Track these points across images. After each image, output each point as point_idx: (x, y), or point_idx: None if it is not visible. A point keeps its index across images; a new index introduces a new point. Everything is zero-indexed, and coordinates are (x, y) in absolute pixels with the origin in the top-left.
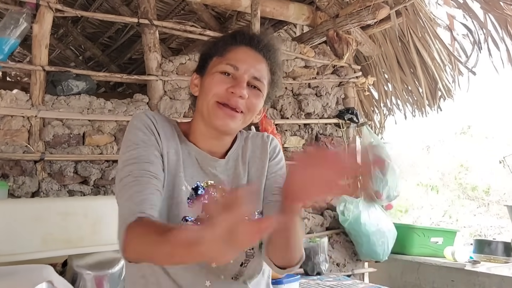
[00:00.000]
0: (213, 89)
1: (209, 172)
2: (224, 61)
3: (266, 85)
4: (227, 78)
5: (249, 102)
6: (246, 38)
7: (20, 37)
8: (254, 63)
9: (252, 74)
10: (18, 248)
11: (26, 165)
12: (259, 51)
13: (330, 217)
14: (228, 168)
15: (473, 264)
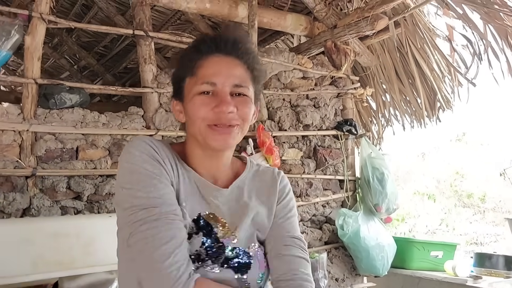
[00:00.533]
0: (199, 114)
1: (211, 202)
2: (198, 80)
3: (250, 86)
4: (208, 98)
5: (240, 113)
6: (211, 46)
7: (12, 49)
8: (230, 70)
9: (232, 83)
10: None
11: (17, 180)
12: (229, 54)
13: (328, 231)
14: (230, 199)
15: (475, 280)
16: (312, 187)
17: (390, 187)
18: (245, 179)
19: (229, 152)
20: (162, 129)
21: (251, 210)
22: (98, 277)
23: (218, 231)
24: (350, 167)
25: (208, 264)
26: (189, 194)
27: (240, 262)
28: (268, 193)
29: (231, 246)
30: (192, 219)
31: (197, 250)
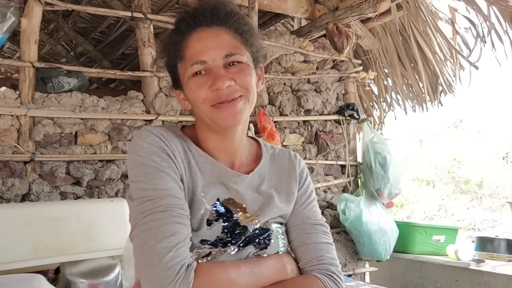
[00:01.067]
0: (198, 97)
1: (230, 187)
2: (187, 63)
3: (243, 51)
4: (203, 78)
5: (240, 82)
6: (190, 22)
7: (8, 31)
8: (216, 42)
9: (222, 54)
10: (7, 257)
11: (16, 166)
12: (211, 24)
13: (330, 216)
14: (251, 186)
15: (478, 263)
16: (313, 173)
17: (392, 172)
18: (264, 165)
19: (241, 129)
20: (162, 114)
21: (273, 197)
22: (101, 262)
23: (238, 216)
24: (352, 152)
25: (229, 247)
26: (207, 181)
27: (260, 239)
28: (288, 178)
29: (253, 228)
30: (211, 205)
31: (218, 236)
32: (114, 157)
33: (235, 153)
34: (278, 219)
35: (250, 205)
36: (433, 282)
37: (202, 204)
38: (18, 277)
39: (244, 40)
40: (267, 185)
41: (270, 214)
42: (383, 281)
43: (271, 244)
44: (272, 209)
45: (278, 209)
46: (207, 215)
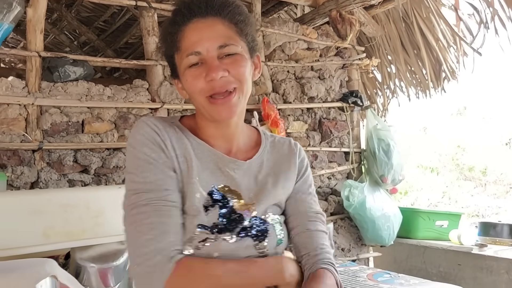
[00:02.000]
0: (194, 88)
1: (227, 174)
2: (183, 54)
3: (238, 42)
4: (198, 69)
5: (234, 73)
6: (185, 13)
7: (13, 21)
8: (210, 33)
9: (216, 45)
10: (19, 242)
11: (24, 154)
12: (205, 15)
13: (334, 203)
14: (249, 173)
15: (480, 248)
16: (317, 160)
17: (396, 158)
18: (263, 152)
19: (236, 118)
20: (168, 102)
21: (271, 185)
22: (109, 247)
23: (234, 203)
24: (356, 139)
25: (226, 235)
26: (203, 167)
27: (258, 229)
28: (287, 165)
29: (249, 217)
30: (207, 192)
31: (214, 222)
32: (120, 145)
33: (232, 139)
34: (275, 207)
35: (245, 192)
36: (436, 267)
37: (197, 189)
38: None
39: (239, 30)
40: (265, 172)
41: (265, 202)
42: (387, 266)
43: (269, 235)
44: (267, 196)
45: (273, 197)
46: (202, 201)
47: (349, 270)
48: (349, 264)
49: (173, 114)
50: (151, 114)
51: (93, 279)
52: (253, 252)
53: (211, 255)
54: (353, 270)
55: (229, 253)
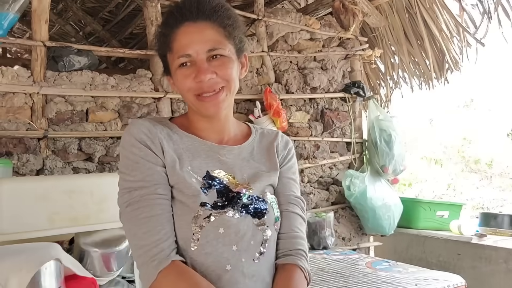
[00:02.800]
0: (184, 86)
1: (219, 160)
2: (174, 55)
3: (226, 45)
4: (188, 69)
5: (221, 74)
6: (177, 17)
7: (19, 11)
8: (200, 36)
9: (205, 49)
10: (25, 227)
11: (30, 142)
12: (196, 19)
13: (335, 192)
14: (240, 158)
15: (480, 238)
16: (319, 150)
17: (397, 149)
18: (253, 141)
19: (225, 112)
20: (170, 92)
21: (264, 167)
22: (112, 233)
23: (229, 184)
24: (358, 130)
25: (228, 211)
26: (194, 157)
27: (256, 207)
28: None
29: (247, 195)
30: (202, 177)
31: (215, 200)
32: None
33: (222, 131)
34: (270, 187)
35: (238, 174)
36: (435, 256)
37: (191, 175)
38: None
39: (227, 33)
40: (256, 157)
41: (261, 182)
42: (387, 255)
43: (268, 213)
44: (262, 177)
45: (267, 178)
46: (199, 184)
47: (348, 258)
48: (349, 252)
49: (176, 104)
50: (154, 103)
51: (96, 263)
52: (254, 228)
53: (218, 231)
54: (352, 258)
55: (233, 228)
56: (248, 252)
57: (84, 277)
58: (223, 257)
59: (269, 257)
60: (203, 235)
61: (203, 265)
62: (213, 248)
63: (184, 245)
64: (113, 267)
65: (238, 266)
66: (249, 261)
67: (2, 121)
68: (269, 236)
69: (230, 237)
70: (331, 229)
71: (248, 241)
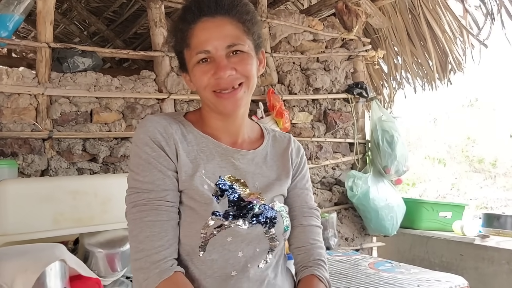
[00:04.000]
0: (201, 83)
1: (232, 164)
2: (193, 51)
3: (245, 40)
4: (207, 65)
5: (240, 70)
6: (195, 12)
7: (24, 13)
8: (219, 32)
9: (224, 45)
10: (30, 227)
11: (35, 143)
12: (215, 14)
13: (338, 193)
14: (255, 163)
15: (482, 238)
16: (322, 150)
17: (400, 149)
18: (266, 145)
19: (242, 111)
20: (174, 93)
21: (275, 176)
22: (116, 233)
23: (240, 192)
24: (360, 130)
25: (239, 221)
26: (208, 159)
27: (267, 216)
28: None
29: (259, 204)
30: (214, 183)
31: (226, 209)
32: (128, 134)
33: (237, 132)
34: (280, 197)
35: (250, 181)
36: (438, 257)
37: (204, 181)
38: (41, 246)
39: (246, 29)
40: (269, 164)
41: (271, 191)
42: (390, 256)
43: (277, 223)
44: (272, 187)
45: (278, 187)
46: (211, 191)
47: (351, 259)
48: (351, 253)
49: (180, 105)
50: (158, 104)
51: (101, 263)
52: (263, 238)
53: (225, 239)
54: (355, 259)
55: (241, 238)
56: (254, 258)
57: (88, 277)
58: (229, 263)
59: (276, 265)
60: (211, 243)
61: (208, 270)
62: (219, 255)
63: (191, 251)
64: (118, 268)
65: (243, 272)
66: (254, 267)
67: (7, 122)
68: (276, 245)
69: (237, 244)
70: (334, 230)
71: (254, 248)
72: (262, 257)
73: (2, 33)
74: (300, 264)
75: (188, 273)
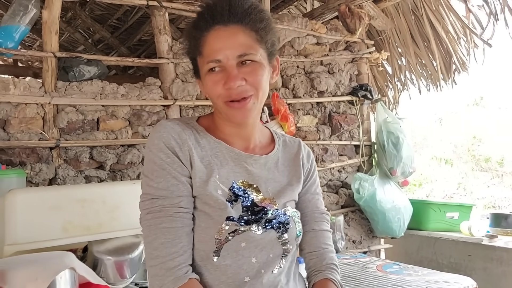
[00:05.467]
0: (214, 93)
1: (245, 169)
2: (205, 60)
3: (257, 50)
4: (218, 75)
5: (250, 81)
6: (208, 20)
7: (30, 23)
8: (231, 41)
9: (235, 54)
10: (39, 236)
11: (42, 152)
12: (228, 22)
13: (345, 195)
14: (267, 168)
15: (490, 239)
16: (327, 153)
17: (406, 151)
18: (278, 151)
19: (252, 120)
20: (179, 99)
21: (286, 182)
22: (125, 241)
23: (254, 197)
24: (366, 132)
25: (253, 226)
26: (222, 164)
27: (280, 221)
28: (298, 166)
29: (272, 210)
30: (228, 188)
31: (240, 214)
32: (134, 141)
33: (249, 138)
34: (292, 202)
35: (263, 186)
36: (446, 258)
37: (218, 186)
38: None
39: (259, 37)
40: (281, 169)
41: (284, 197)
42: (398, 258)
43: (290, 228)
44: (284, 192)
45: (290, 192)
46: (225, 196)
47: (359, 261)
48: (359, 255)
49: (185, 111)
50: (164, 111)
51: (110, 271)
52: (276, 243)
53: (239, 245)
54: (363, 262)
55: (255, 243)
56: (267, 264)
57: (98, 284)
58: (243, 269)
59: (288, 270)
60: (225, 248)
61: (222, 276)
62: (233, 260)
63: (205, 256)
64: (127, 275)
65: (257, 277)
66: (268, 273)
67: (15, 132)
68: (289, 250)
69: (250, 250)
70: (341, 233)
71: (267, 254)
72: (276, 262)
73: (9, 44)
74: (313, 268)
75: (202, 279)
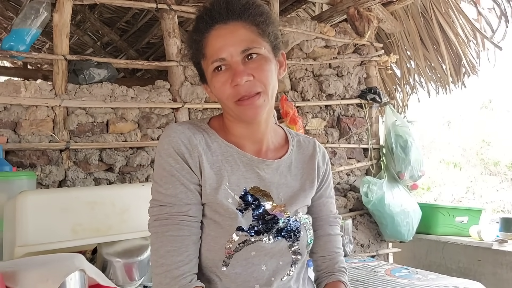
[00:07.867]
0: (221, 93)
1: (257, 175)
2: (208, 61)
3: (261, 43)
4: (224, 74)
5: (258, 76)
6: (207, 20)
7: (41, 27)
8: (233, 38)
9: (239, 50)
10: (49, 238)
11: (52, 154)
12: (227, 20)
13: (353, 199)
14: (279, 173)
15: (500, 243)
16: (336, 156)
17: (414, 154)
18: (291, 153)
19: (265, 117)
20: (188, 102)
21: (299, 187)
22: (134, 243)
23: (265, 205)
24: (374, 136)
25: (263, 236)
26: (232, 170)
27: (291, 230)
28: (312, 169)
29: (283, 218)
30: (239, 196)
31: (250, 224)
32: (144, 144)
33: (261, 140)
34: (304, 207)
35: (275, 192)
36: (455, 262)
37: (228, 194)
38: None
39: (261, 31)
40: (294, 173)
41: (296, 203)
42: (406, 262)
43: (301, 236)
44: (297, 198)
45: (303, 198)
46: (236, 205)
47: (367, 265)
48: (367, 259)
49: (194, 113)
50: (173, 113)
51: (119, 273)
52: (287, 251)
53: (249, 254)
54: (372, 266)
55: (265, 252)
56: (277, 272)
57: (107, 286)
58: (253, 276)
59: (298, 276)
60: (234, 257)
61: (232, 284)
62: (243, 268)
63: (214, 265)
64: (135, 277)
65: (267, 285)
66: (277, 280)
67: (26, 134)
68: (299, 258)
69: (260, 258)
70: (350, 236)
71: (277, 262)
72: (285, 270)
73: (20, 47)
74: (325, 270)
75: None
